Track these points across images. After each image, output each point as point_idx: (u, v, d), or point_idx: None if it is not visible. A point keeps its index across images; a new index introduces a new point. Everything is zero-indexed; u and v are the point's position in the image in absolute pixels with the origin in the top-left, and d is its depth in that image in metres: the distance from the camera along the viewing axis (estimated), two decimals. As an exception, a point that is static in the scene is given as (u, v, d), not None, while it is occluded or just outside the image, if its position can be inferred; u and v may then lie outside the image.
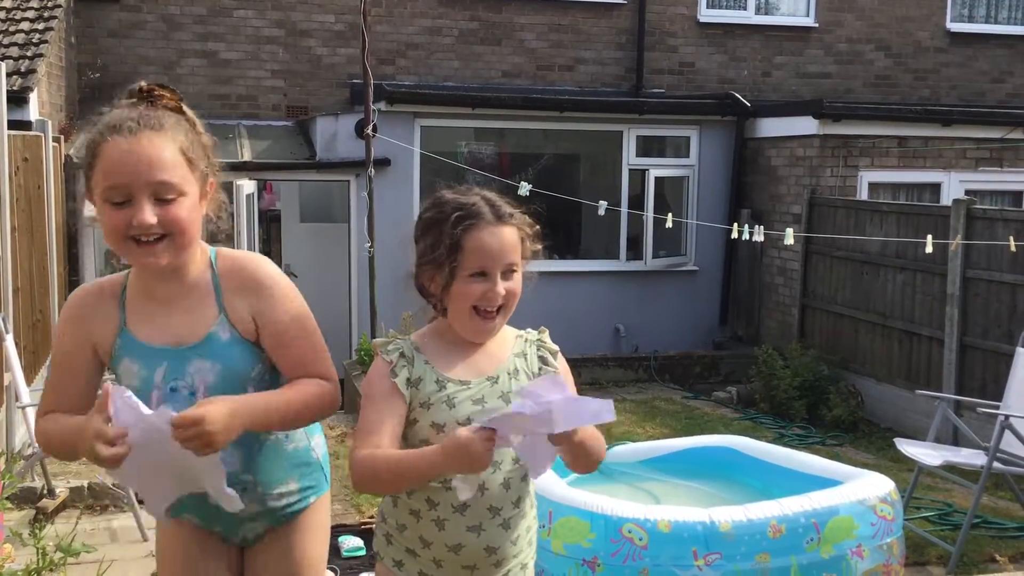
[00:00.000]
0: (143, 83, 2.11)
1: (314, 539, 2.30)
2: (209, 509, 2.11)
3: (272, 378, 2.14)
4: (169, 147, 1.98)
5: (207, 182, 2.08)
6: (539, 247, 2.19)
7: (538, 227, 2.19)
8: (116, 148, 1.94)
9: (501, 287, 2.08)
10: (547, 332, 2.26)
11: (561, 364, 2.21)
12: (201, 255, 2.12)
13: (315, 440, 2.31)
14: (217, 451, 1.87)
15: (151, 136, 1.96)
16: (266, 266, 2.15)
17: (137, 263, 2.03)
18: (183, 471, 1.92)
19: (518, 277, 2.13)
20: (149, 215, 1.93)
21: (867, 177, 9.53)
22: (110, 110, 2.05)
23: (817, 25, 12.51)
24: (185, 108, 2.11)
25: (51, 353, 2.16)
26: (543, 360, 2.18)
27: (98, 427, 1.81)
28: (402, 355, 2.10)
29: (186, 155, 2.01)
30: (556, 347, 2.23)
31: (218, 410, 1.88)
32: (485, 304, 2.08)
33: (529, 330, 2.24)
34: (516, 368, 2.15)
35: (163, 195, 1.96)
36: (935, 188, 9.68)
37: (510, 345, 2.18)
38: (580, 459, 2.04)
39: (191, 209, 2.01)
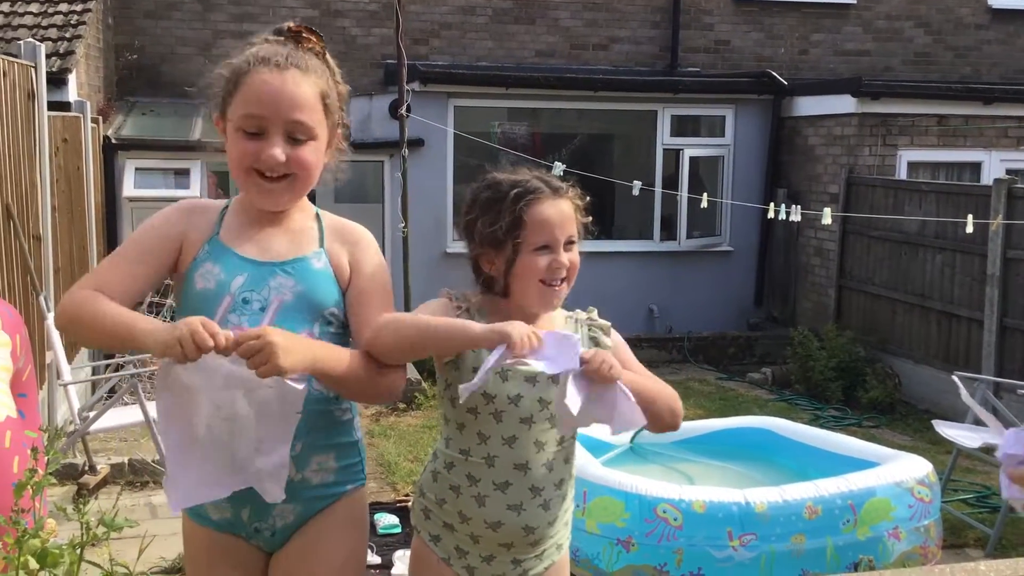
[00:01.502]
0: (291, 23, 2.10)
1: (350, 534, 2.13)
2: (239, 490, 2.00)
3: (341, 334, 2.06)
4: (311, 89, 1.99)
5: (336, 131, 2.09)
6: (589, 220, 2.20)
7: (588, 199, 2.21)
8: (261, 79, 1.95)
9: (564, 258, 2.11)
10: (595, 311, 2.27)
11: (615, 338, 2.23)
12: (307, 207, 2.12)
13: (358, 421, 2.23)
14: (283, 372, 1.76)
15: (296, 75, 1.97)
16: (369, 234, 2.16)
17: (255, 196, 2.02)
18: (249, 433, 1.83)
19: (576, 249, 2.16)
20: (279, 152, 1.94)
21: (906, 156, 9.40)
22: (259, 42, 2.05)
23: (855, 1, 12.30)
24: (328, 56, 2.11)
25: (129, 238, 2.09)
26: (595, 340, 2.20)
27: (205, 320, 1.74)
28: (467, 311, 2.14)
29: (324, 100, 2.02)
30: (607, 323, 2.24)
31: (279, 330, 1.80)
32: (551, 276, 2.11)
33: (578, 311, 2.25)
34: None
35: (296, 134, 1.97)
36: (975, 167, 9.52)
37: (560, 325, 2.19)
38: (649, 416, 2.01)
39: (317, 153, 2.02)
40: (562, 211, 2.12)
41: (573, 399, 1.85)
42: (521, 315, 2.09)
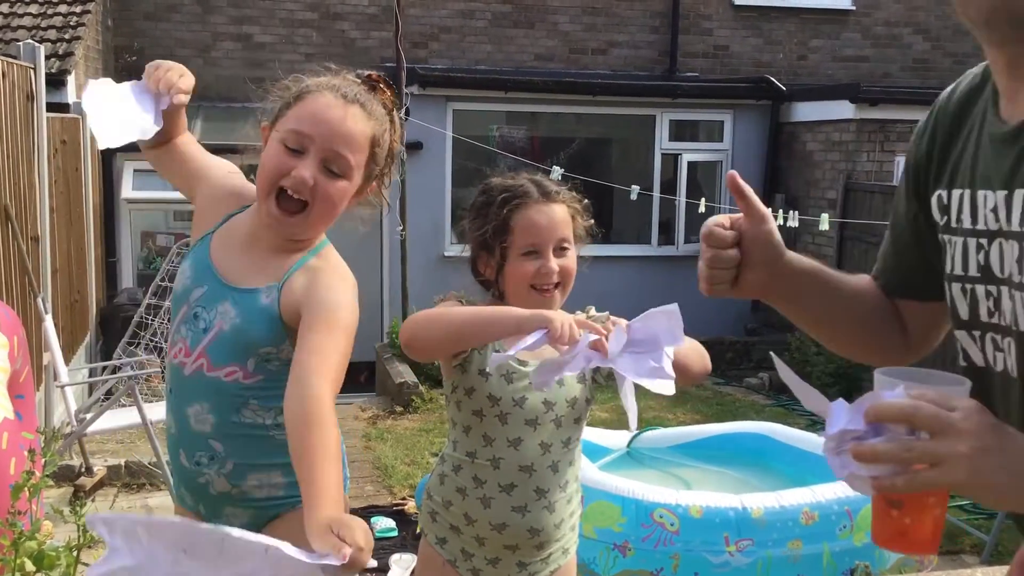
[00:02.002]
0: (374, 73, 2.12)
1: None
2: (186, 481, 2.02)
3: (282, 371, 1.88)
4: (365, 130, 1.97)
5: (371, 183, 2.05)
6: (591, 223, 2.20)
7: (586, 201, 2.20)
8: (322, 102, 1.95)
9: (554, 263, 2.10)
10: (592, 308, 2.27)
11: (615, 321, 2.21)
12: (314, 240, 2.04)
13: None
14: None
15: (357, 112, 1.97)
16: (346, 270, 2.01)
17: (268, 213, 1.95)
18: None
19: (572, 254, 2.14)
20: (309, 175, 1.90)
21: (904, 162, 9.42)
22: (335, 72, 2.07)
23: (854, 8, 12.33)
24: (395, 113, 2.10)
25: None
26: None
27: None
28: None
29: (373, 148, 2.00)
30: (604, 314, 2.22)
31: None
32: (540, 281, 2.10)
33: (579, 312, 2.26)
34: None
35: (332, 166, 1.93)
36: (973, 174, 9.55)
37: None
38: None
39: (344, 194, 1.96)
40: (551, 215, 2.11)
41: (629, 401, 1.81)
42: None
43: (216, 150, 2.27)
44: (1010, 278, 1.21)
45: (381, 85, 2.09)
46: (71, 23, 8.60)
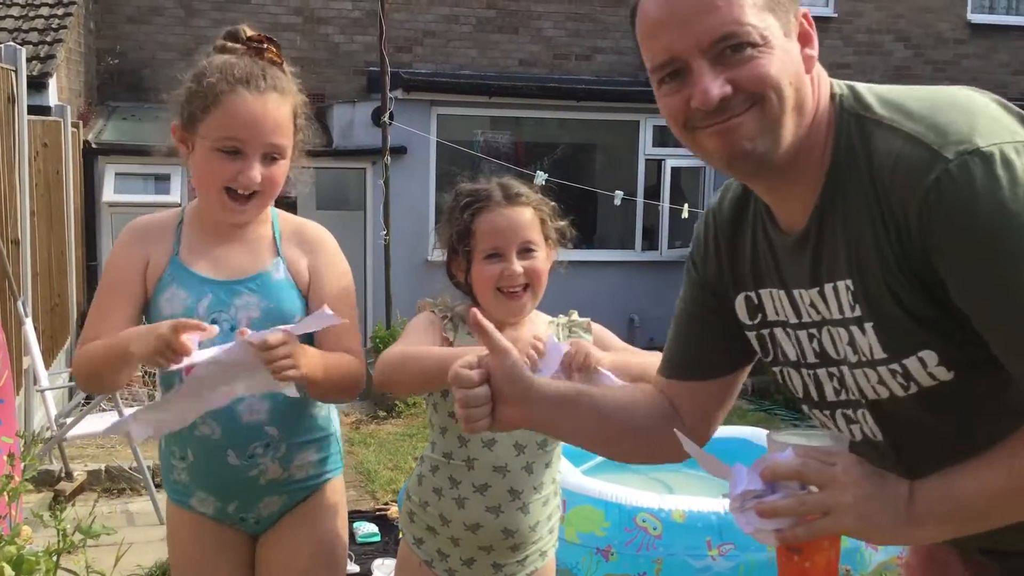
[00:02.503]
0: (247, 29, 2.12)
1: (331, 518, 2.23)
2: (227, 481, 2.09)
3: (306, 341, 2.08)
4: (287, 111, 2.04)
5: (298, 145, 2.12)
6: (562, 225, 2.20)
7: (554, 204, 2.20)
8: (244, 102, 1.97)
9: (517, 265, 2.09)
10: (575, 312, 2.27)
11: (597, 331, 2.22)
12: (264, 213, 2.15)
13: (333, 412, 2.30)
14: (301, 376, 1.88)
15: (276, 99, 2.01)
16: (329, 235, 2.19)
17: (221, 213, 2.05)
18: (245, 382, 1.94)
19: (540, 256, 2.13)
20: (257, 174, 1.98)
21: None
22: (213, 52, 2.07)
23: (836, 15, 12.41)
24: (286, 65, 2.13)
25: (100, 282, 2.14)
26: (570, 328, 2.21)
27: (180, 322, 1.82)
28: (451, 320, 2.14)
29: (295, 120, 2.07)
30: (586, 320, 2.24)
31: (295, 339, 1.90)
32: (505, 284, 2.10)
33: (560, 315, 2.26)
34: None
35: (271, 154, 2.01)
36: (954, 180, 9.61)
37: (542, 331, 2.18)
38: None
39: (285, 170, 2.06)
40: (513, 218, 2.10)
41: None
42: (496, 324, 2.10)
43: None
44: (845, 359, 1.34)
45: (265, 45, 2.10)
46: (53, 25, 8.55)
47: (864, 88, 1.35)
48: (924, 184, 1.18)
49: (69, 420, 5.22)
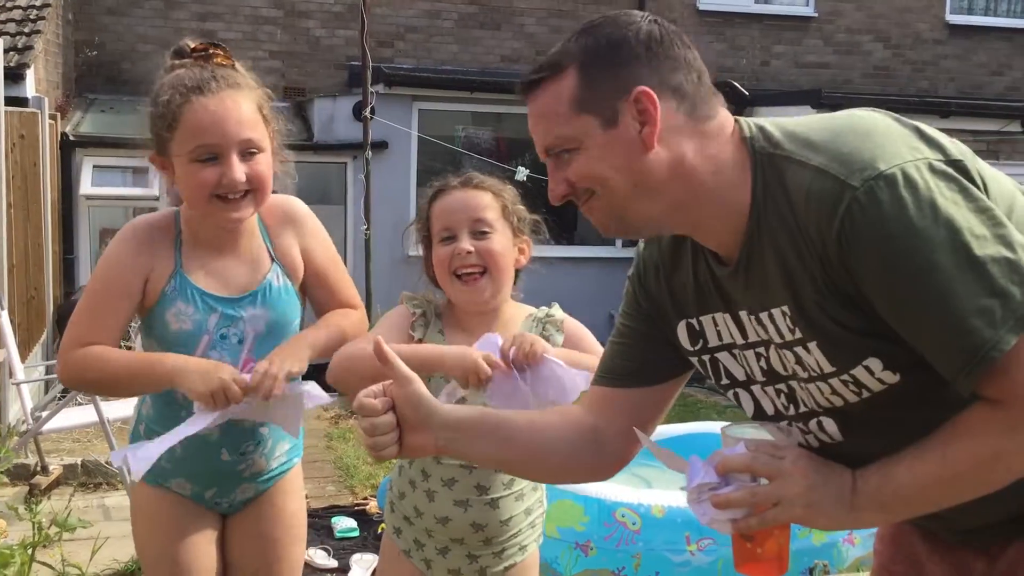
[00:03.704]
0: (190, 42, 2.12)
1: (295, 498, 2.36)
2: (213, 474, 2.17)
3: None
4: (249, 104, 2.05)
5: (275, 137, 2.14)
6: (528, 215, 2.19)
7: (518, 192, 2.20)
8: (202, 108, 1.98)
9: (468, 244, 2.08)
10: (557, 306, 2.25)
11: (570, 329, 2.20)
12: (250, 221, 2.18)
13: None
14: (293, 375, 2.03)
15: (233, 95, 2.02)
16: (299, 202, 2.27)
17: (220, 220, 2.06)
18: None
19: (497, 239, 2.11)
20: (240, 172, 2.00)
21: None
22: (164, 73, 2.08)
23: (817, 15, 12.48)
24: (238, 65, 2.14)
25: (94, 279, 2.14)
26: (547, 337, 2.16)
27: (234, 373, 1.97)
28: (424, 315, 2.15)
29: (262, 112, 2.08)
30: (562, 316, 2.21)
31: (279, 351, 2.04)
32: (457, 265, 2.08)
33: (543, 307, 2.24)
34: None
35: (248, 150, 2.02)
36: (932, 180, 9.68)
37: (518, 325, 2.17)
38: None
39: (269, 164, 2.08)
40: (467, 200, 2.11)
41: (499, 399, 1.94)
42: (470, 316, 2.13)
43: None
44: (795, 375, 1.42)
45: (211, 51, 2.11)
46: (31, 16, 8.46)
47: (772, 126, 1.42)
48: (837, 214, 1.25)
49: (45, 414, 5.18)
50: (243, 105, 2.02)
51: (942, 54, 12.96)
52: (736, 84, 10.68)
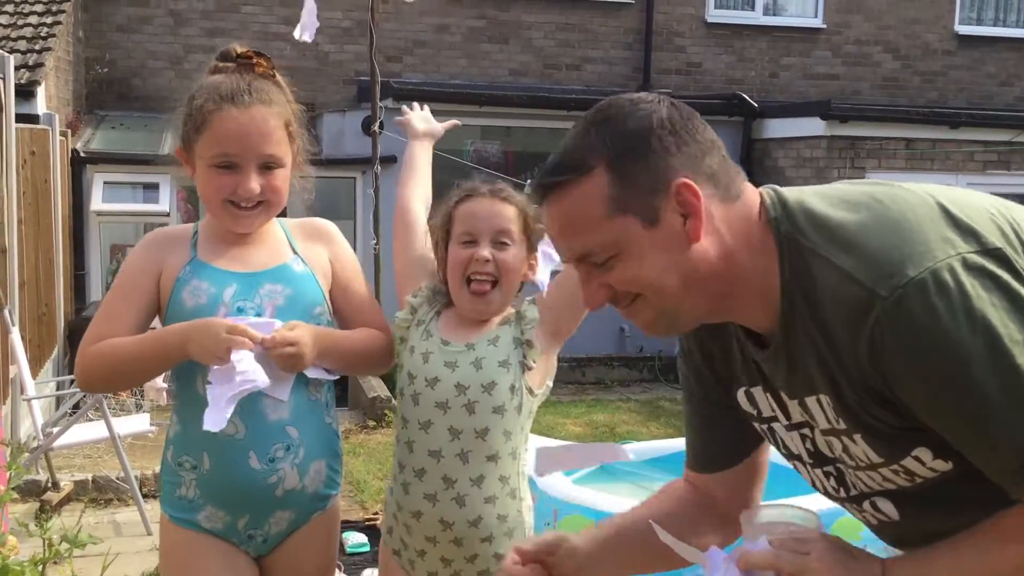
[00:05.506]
0: (238, 47, 2.17)
1: (334, 538, 2.29)
2: (243, 490, 2.07)
3: (331, 325, 2.23)
4: (276, 121, 2.09)
5: (298, 153, 2.19)
6: (543, 232, 2.19)
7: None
8: (230, 118, 2.04)
9: (487, 251, 2.10)
10: (529, 301, 2.24)
11: (533, 311, 2.18)
12: (272, 222, 2.24)
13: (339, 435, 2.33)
14: (308, 365, 2.04)
15: (262, 111, 2.07)
16: (332, 224, 2.34)
17: (230, 223, 2.13)
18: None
19: (514, 252, 2.14)
20: (255, 184, 2.05)
21: (874, 178, 9.51)
22: (207, 75, 2.14)
23: (825, 26, 12.47)
24: (278, 76, 2.19)
25: (112, 286, 2.19)
26: (520, 318, 2.17)
27: (229, 322, 1.97)
28: (427, 293, 2.22)
29: (288, 128, 2.13)
30: (535, 315, 2.18)
31: (308, 332, 2.03)
32: (474, 270, 2.11)
33: (517, 306, 2.24)
34: (497, 336, 2.16)
35: (267, 164, 2.08)
36: (942, 191, 9.65)
37: (496, 324, 2.20)
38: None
39: (286, 179, 2.14)
40: (493, 208, 2.15)
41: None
42: (464, 320, 2.16)
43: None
44: (843, 461, 1.39)
45: (254, 59, 2.15)
46: (41, 34, 8.52)
47: (795, 202, 1.36)
48: (867, 324, 1.20)
49: (56, 430, 5.19)
50: (271, 121, 2.08)
51: (951, 65, 12.93)
52: (745, 96, 10.68)
